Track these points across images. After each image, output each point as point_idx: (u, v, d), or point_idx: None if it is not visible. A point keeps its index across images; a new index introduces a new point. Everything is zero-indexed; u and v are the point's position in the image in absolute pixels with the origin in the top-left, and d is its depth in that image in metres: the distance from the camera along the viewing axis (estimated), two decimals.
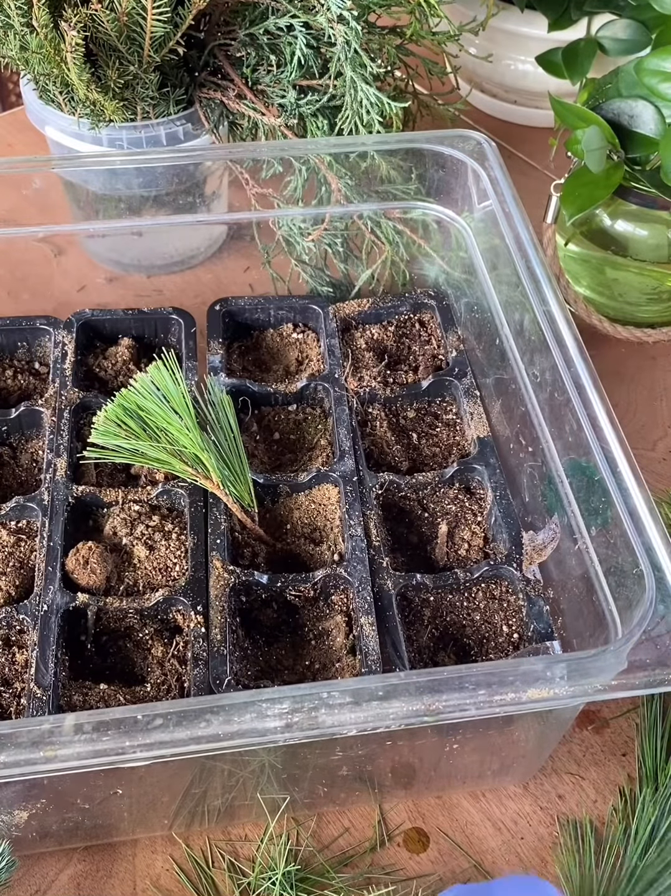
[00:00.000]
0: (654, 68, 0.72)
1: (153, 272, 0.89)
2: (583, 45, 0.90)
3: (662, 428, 0.80)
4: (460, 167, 0.74)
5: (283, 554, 0.64)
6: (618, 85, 0.76)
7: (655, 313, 0.84)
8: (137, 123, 0.78)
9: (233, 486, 0.62)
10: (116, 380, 0.74)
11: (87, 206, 0.83)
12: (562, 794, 0.60)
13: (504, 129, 1.06)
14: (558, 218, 0.80)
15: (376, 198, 0.78)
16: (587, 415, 0.58)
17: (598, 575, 0.55)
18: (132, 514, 0.64)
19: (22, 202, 0.76)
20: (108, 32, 0.70)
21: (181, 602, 0.59)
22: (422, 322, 0.79)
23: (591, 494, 0.56)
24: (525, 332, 0.66)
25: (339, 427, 0.68)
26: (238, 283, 0.87)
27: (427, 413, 0.73)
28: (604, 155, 0.73)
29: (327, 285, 0.81)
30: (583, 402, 0.58)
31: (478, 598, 0.61)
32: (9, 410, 0.70)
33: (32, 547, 0.62)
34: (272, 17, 0.76)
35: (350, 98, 0.75)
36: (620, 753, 0.62)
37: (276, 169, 0.80)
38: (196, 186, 0.82)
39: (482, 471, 0.66)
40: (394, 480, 0.65)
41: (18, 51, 0.73)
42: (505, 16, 0.96)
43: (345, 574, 0.60)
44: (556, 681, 0.46)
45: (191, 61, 0.79)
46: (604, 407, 0.58)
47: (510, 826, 0.59)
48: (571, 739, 0.62)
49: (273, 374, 0.76)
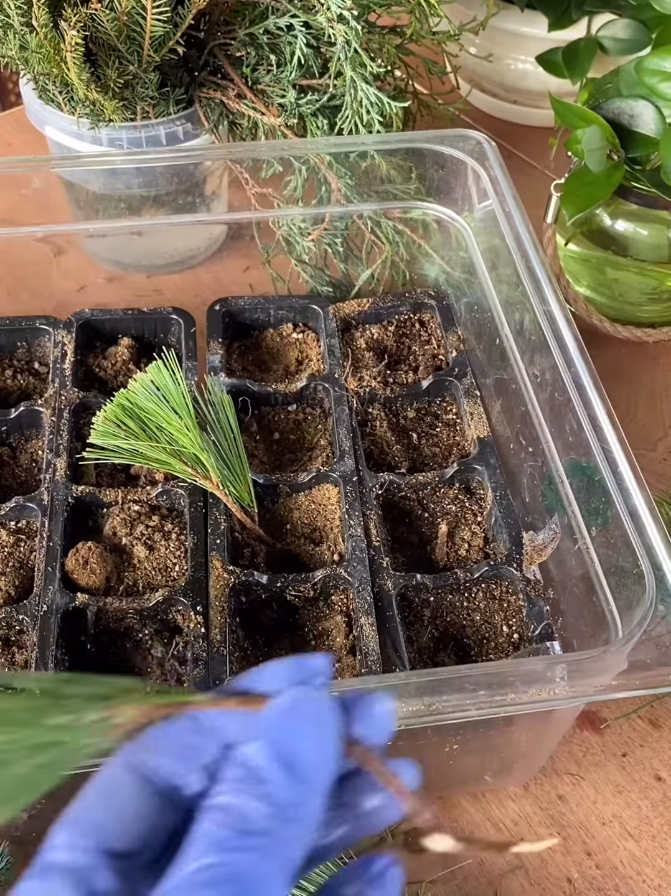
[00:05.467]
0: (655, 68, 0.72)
1: (153, 272, 0.89)
2: (583, 44, 0.90)
3: (663, 428, 0.80)
4: (460, 167, 0.74)
5: (283, 554, 0.64)
6: (619, 84, 0.76)
7: (656, 313, 0.84)
8: (137, 123, 0.78)
9: (232, 486, 0.62)
10: (116, 380, 0.74)
11: (86, 206, 0.83)
12: (562, 794, 0.60)
13: (504, 129, 1.06)
14: (558, 218, 0.80)
15: (376, 197, 0.78)
16: (587, 415, 0.58)
17: (599, 575, 0.55)
18: (132, 514, 0.64)
19: (21, 202, 0.76)
20: (107, 32, 0.70)
21: (181, 602, 0.59)
22: (422, 322, 0.79)
23: (592, 494, 0.56)
24: (525, 331, 0.66)
25: (339, 427, 0.68)
26: (238, 283, 0.87)
27: (427, 413, 0.73)
28: (604, 155, 0.73)
29: (327, 285, 0.81)
30: (583, 402, 0.58)
31: (479, 599, 0.61)
32: (8, 410, 0.70)
33: (32, 547, 0.62)
34: (272, 17, 0.76)
35: (350, 98, 0.75)
36: (621, 754, 0.62)
37: (276, 169, 0.79)
38: (196, 186, 0.82)
39: (482, 471, 0.66)
40: (394, 480, 0.65)
41: (18, 50, 0.73)
42: (505, 15, 0.96)
43: (345, 574, 0.60)
44: (557, 681, 0.46)
45: (191, 61, 0.79)
46: (604, 407, 0.58)
47: (510, 826, 0.59)
48: (571, 740, 0.62)
49: (273, 374, 0.75)
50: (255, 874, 0.26)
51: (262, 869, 0.26)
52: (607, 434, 0.56)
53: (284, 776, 0.27)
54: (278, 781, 0.27)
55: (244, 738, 0.29)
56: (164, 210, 0.82)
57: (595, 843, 0.58)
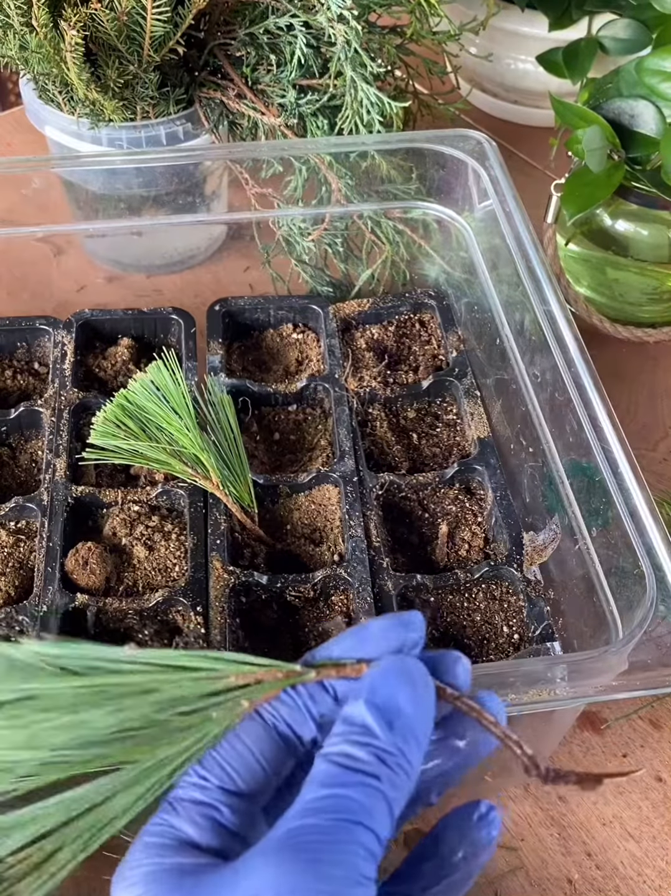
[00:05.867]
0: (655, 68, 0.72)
1: (153, 272, 0.88)
2: (583, 44, 0.90)
3: (663, 428, 0.80)
4: (460, 167, 0.74)
5: (283, 554, 0.64)
6: (619, 84, 0.76)
7: (656, 313, 0.84)
8: (137, 123, 0.78)
9: (233, 486, 0.62)
10: (116, 380, 0.74)
11: (86, 206, 0.83)
12: (562, 795, 0.60)
13: (504, 129, 1.06)
14: (559, 217, 0.80)
15: (376, 197, 0.78)
16: (588, 415, 0.58)
17: (599, 575, 0.55)
18: (132, 514, 0.63)
19: (21, 202, 0.76)
20: (107, 32, 0.70)
21: (181, 603, 0.59)
22: (422, 322, 0.79)
23: (592, 495, 0.56)
24: (525, 332, 0.66)
25: (339, 427, 0.68)
26: (238, 283, 0.87)
27: (427, 413, 0.73)
28: (604, 155, 0.73)
29: (327, 285, 0.81)
30: (583, 403, 0.58)
31: (479, 599, 0.61)
32: (8, 411, 0.70)
33: (32, 547, 0.62)
34: (272, 17, 0.76)
35: (350, 98, 0.75)
36: (621, 755, 0.62)
37: (276, 169, 0.79)
38: (196, 186, 0.82)
39: (482, 471, 0.66)
40: (394, 481, 0.65)
41: (18, 50, 0.73)
42: (505, 15, 0.96)
43: (346, 575, 0.60)
44: (557, 682, 0.46)
45: (191, 61, 0.79)
46: (604, 407, 0.58)
47: (510, 827, 0.59)
48: (572, 740, 0.62)
49: (273, 374, 0.75)
50: (363, 807, 0.30)
51: (368, 803, 0.30)
52: (607, 434, 0.56)
53: (387, 729, 0.32)
54: (382, 734, 0.32)
55: (351, 697, 0.33)
56: (163, 210, 0.82)
57: (595, 843, 0.58)
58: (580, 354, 0.61)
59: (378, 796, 0.30)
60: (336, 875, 0.29)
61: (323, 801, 0.30)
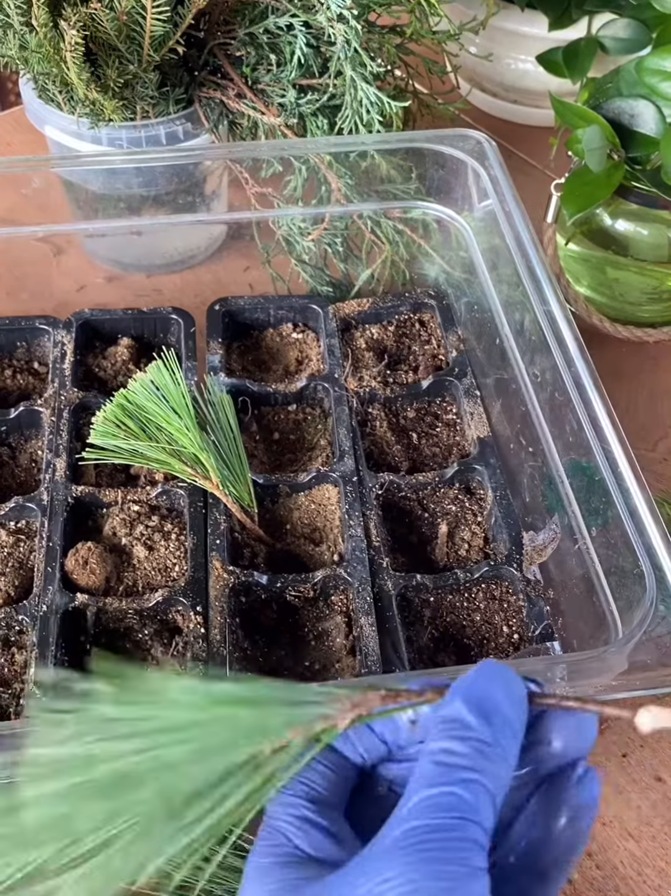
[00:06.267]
0: (655, 67, 0.72)
1: (153, 272, 0.88)
2: (583, 44, 0.89)
3: (663, 428, 0.80)
4: (460, 166, 0.74)
5: (283, 554, 0.64)
6: (619, 84, 0.75)
7: (656, 313, 0.84)
8: (137, 123, 0.78)
9: (232, 486, 0.62)
10: (116, 380, 0.74)
11: (86, 206, 0.83)
12: None
13: (504, 129, 1.06)
14: (558, 217, 0.80)
15: (376, 197, 0.78)
16: (587, 415, 0.58)
17: (599, 575, 0.55)
18: (132, 514, 0.63)
19: (21, 202, 0.76)
20: (107, 32, 0.70)
21: (181, 602, 0.59)
22: (422, 322, 0.79)
23: (592, 494, 0.56)
24: (525, 331, 0.66)
25: (339, 427, 0.68)
26: (238, 283, 0.87)
27: (427, 413, 0.73)
28: (604, 154, 0.73)
29: (327, 285, 0.81)
30: (583, 402, 0.58)
31: (479, 599, 0.61)
32: (8, 410, 0.70)
33: (32, 547, 0.62)
34: (272, 17, 0.76)
35: (350, 97, 0.75)
36: (621, 754, 0.62)
37: (276, 168, 0.79)
38: (196, 186, 0.82)
39: (482, 471, 0.66)
40: (394, 480, 0.65)
41: (18, 50, 0.73)
42: (505, 15, 0.96)
43: (345, 574, 0.60)
44: (557, 681, 0.46)
45: (190, 60, 0.79)
46: (604, 407, 0.58)
47: None
48: None
49: (273, 373, 0.75)
50: (469, 802, 0.31)
51: (473, 798, 0.31)
52: (607, 434, 0.56)
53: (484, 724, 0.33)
54: (480, 729, 0.33)
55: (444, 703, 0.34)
56: (163, 210, 0.82)
57: (595, 843, 0.58)
58: (580, 354, 0.61)
59: (481, 790, 0.32)
60: (455, 871, 0.30)
61: (431, 799, 0.31)
